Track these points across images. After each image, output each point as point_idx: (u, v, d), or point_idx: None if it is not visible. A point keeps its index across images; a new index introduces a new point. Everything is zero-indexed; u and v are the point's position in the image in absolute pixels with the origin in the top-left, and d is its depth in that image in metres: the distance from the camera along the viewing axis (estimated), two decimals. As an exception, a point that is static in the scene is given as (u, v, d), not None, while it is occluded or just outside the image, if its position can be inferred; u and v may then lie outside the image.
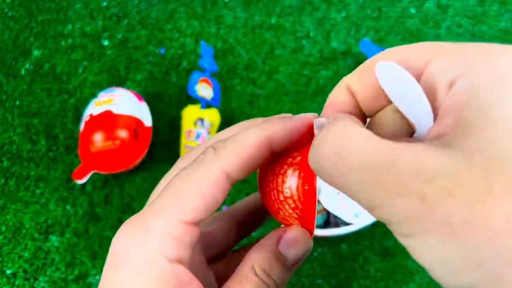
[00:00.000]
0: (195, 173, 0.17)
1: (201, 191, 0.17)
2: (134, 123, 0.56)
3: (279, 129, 0.18)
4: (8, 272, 0.54)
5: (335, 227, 0.51)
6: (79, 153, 0.56)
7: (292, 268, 0.20)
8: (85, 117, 0.56)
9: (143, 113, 0.58)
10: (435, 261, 0.13)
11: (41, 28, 0.71)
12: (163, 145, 0.60)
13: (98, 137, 0.54)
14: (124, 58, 0.68)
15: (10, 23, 0.72)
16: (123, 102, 0.57)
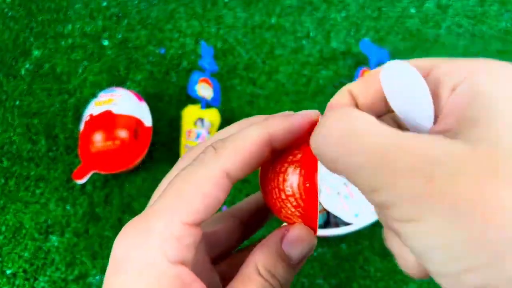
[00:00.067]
0: (195, 173, 0.17)
1: (202, 191, 0.17)
2: (134, 123, 0.56)
3: (280, 127, 0.18)
4: (8, 272, 0.54)
5: (335, 227, 0.51)
6: (79, 153, 0.56)
7: (296, 267, 0.19)
8: (85, 117, 0.56)
9: (143, 113, 0.58)
10: (435, 245, 0.12)
11: (41, 28, 0.71)
12: (163, 145, 0.60)
13: (98, 137, 0.54)
14: (124, 58, 0.68)
15: (10, 23, 0.72)
16: (123, 102, 0.57)
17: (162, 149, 0.60)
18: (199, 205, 0.17)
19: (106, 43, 0.69)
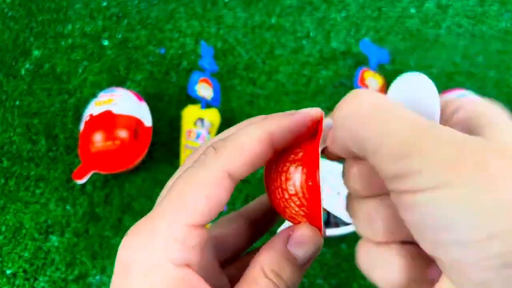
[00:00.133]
0: (196, 174, 0.17)
1: (204, 192, 0.16)
2: (134, 123, 0.56)
3: (280, 125, 0.18)
4: (8, 272, 0.54)
5: (335, 227, 0.51)
6: (79, 153, 0.56)
7: (303, 267, 0.19)
8: (85, 117, 0.56)
9: (143, 113, 0.58)
10: (463, 212, 0.13)
11: (41, 28, 0.71)
12: (163, 145, 0.60)
13: (98, 137, 0.54)
14: (124, 58, 0.68)
15: (10, 23, 0.72)
16: (123, 102, 0.57)
17: (162, 149, 0.60)
18: (202, 206, 0.16)
19: (106, 43, 0.69)
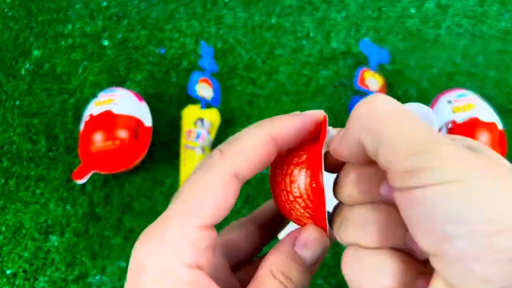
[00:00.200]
0: (203, 177, 0.17)
1: (211, 194, 0.17)
2: (134, 123, 0.56)
3: (284, 127, 0.18)
4: (8, 272, 0.54)
5: None
6: (79, 153, 0.56)
7: (311, 269, 0.19)
8: (85, 117, 0.56)
9: (143, 113, 0.58)
10: (474, 205, 0.13)
11: (41, 28, 0.71)
12: (163, 145, 0.60)
13: (98, 137, 0.54)
14: (124, 58, 0.68)
15: (10, 23, 0.72)
16: (123, 102, 0.57)
17: (162, 149, 0.60)
18: (210, 208, 0.17)
19: (106, 43, 0.69)
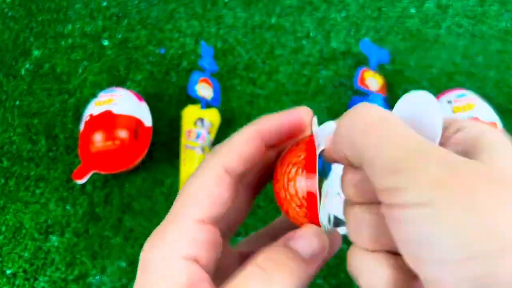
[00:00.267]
0: (198, 175, 0.19)
1: (206, 189, 0.18)
2: (134, 123, 0.56)
3: (269, 124, 0.20)
4: (8, 272, 0.54)
5: (335, 227, 0.51)
6: (79, 153, 0.56)
7: (309, 263, 0.18)
8: (85, 117, 0.56)
9: (143, 113, 0.58)
10: (445, 230, 0.12)
11: (41, 28, 0.71)
12: (163, 145, 0.60)
13: (98, 137, 0.54)
14: (124, 58, 0.68)
15: (10, 23, 0.72)
16: (123, 102, 0.57)
17: (162, 149, 0.60)
18: (205, 203, 0.18)
19: (106, 43, 0.69)
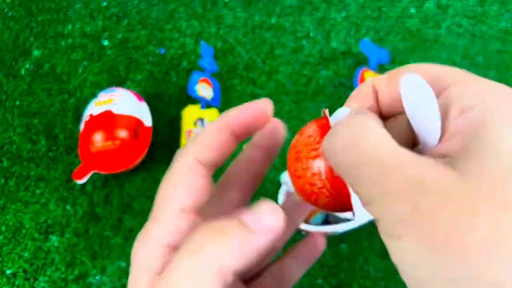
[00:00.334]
0: (172, 170, 0.21)
1: (181, 180, 0.20)
2: (134, 123, 0.56)
3: (234, 114, 0.22)
4: (8, 272, 0.54)
5: (334, 224, 0.51)
6: (79, 153, 0.56)
7: (258, 234, 0.18)
8: (85, 117, 0.56)
9: (143, 113, 0.58)
10: (410, 264, 0.14)
11: (41, 28, 0.71)
12: (163, 145, 0.60)
13: (98, 137, 0.54)
14: (124, 58, 0.68)
15: (10, 23, 0.72)
16: (123, 102, 0.57)
17: (162, 149, 0.60)
18: (183, 192, 0.20)
19: (106, 43, 0.69)
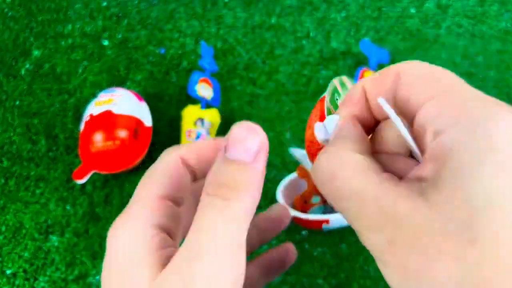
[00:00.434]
0: (155, 163, 0.23)
1: (163, 169, 0.22)
2: (134, 123, 0.56)
3: (189, 150, 0.23)
4: (8, 272, 0.54)
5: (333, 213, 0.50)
6: (79, 153, 0.56)
7: (257, 163, 0.18)
8: (85, 117, 0.56)
9: (143, 113, 0.58)
10: (391, 285, 0.15)
11: (41, 28, 0.71)
12: (163, 145, 0.60)
13: (98, 137, 0.54)
14: (124, 58, 0.68)
15: (10, 23, 0.72)
16: (123, 102, 0.57)
17: (162, 149, 0.60)
18: (164, 180, 0.21)
19: (106, 43, 0.69)
